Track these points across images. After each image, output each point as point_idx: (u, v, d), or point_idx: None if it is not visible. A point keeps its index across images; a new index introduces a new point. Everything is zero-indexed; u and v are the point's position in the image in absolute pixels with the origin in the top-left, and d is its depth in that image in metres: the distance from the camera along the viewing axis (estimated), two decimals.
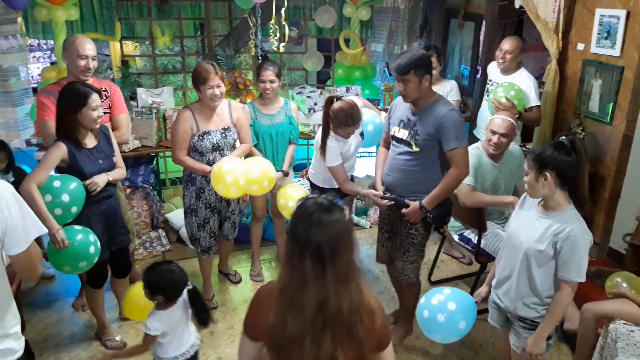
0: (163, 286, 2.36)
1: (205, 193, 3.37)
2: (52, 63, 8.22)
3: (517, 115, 3.63)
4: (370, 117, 3.62)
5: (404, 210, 2.91)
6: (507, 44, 3.90)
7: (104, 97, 3.22)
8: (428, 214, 2.89)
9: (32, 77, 5.81)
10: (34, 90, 4.87)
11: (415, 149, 2.85)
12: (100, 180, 2.85)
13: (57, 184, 2.68)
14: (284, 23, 3.84)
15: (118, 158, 3.05)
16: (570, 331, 3.08)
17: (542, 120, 4.11)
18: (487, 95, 4.05)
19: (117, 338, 3.28)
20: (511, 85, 3.79)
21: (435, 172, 2.90)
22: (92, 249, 2.75)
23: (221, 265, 4.01)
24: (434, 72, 3.97)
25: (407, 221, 2.96)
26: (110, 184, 2.96)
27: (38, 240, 2.59)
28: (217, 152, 3.29)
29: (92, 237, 2.78)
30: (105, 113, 3.24)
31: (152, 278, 2.37)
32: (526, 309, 2.31)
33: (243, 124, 3.41)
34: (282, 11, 3.78)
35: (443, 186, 2.83)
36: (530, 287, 2.28)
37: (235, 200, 3.56)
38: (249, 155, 3.51)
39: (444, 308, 2.46)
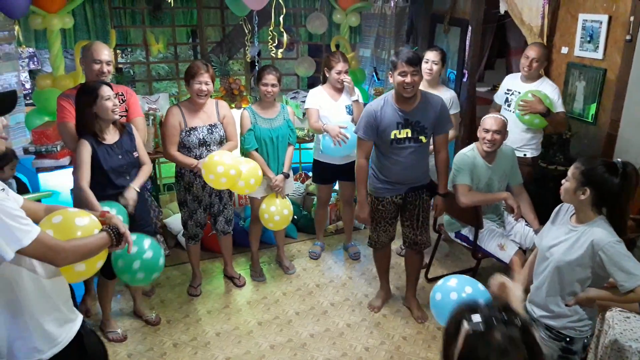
0: None
1: (194, 187, 3.59)
2: (30, 71, 8.12)
3: (545, 112, 3.64)
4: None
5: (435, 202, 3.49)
6: (533, 52, 3.79)
7: (121, 101, 3.33)
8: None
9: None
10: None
11: (424, 140, 3.24)
12: (130, 195, 2.96)
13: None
14: (282, 30, 3.92)
15: (142, 154, 3.16)
16: None
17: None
18: (508, 106, 3.99)
19: (119, 330, 3.43)
20: (538, 91, 3.74)
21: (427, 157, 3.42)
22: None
23: (226, 268, 4.07)
24: (435, 69, 3.89)
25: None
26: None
27: None
28: (204, 148, 3.48)
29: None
30: (121, 116, 3.30)
31: None
32: (554, 318, 2.33)
33: (229, 122, 3.59)
34: (281, 18, 3.86)
35: (446, 171, 3.42)
36: (560, 297, 2.30)
37: (227, 196, 3.74)
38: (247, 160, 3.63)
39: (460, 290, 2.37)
